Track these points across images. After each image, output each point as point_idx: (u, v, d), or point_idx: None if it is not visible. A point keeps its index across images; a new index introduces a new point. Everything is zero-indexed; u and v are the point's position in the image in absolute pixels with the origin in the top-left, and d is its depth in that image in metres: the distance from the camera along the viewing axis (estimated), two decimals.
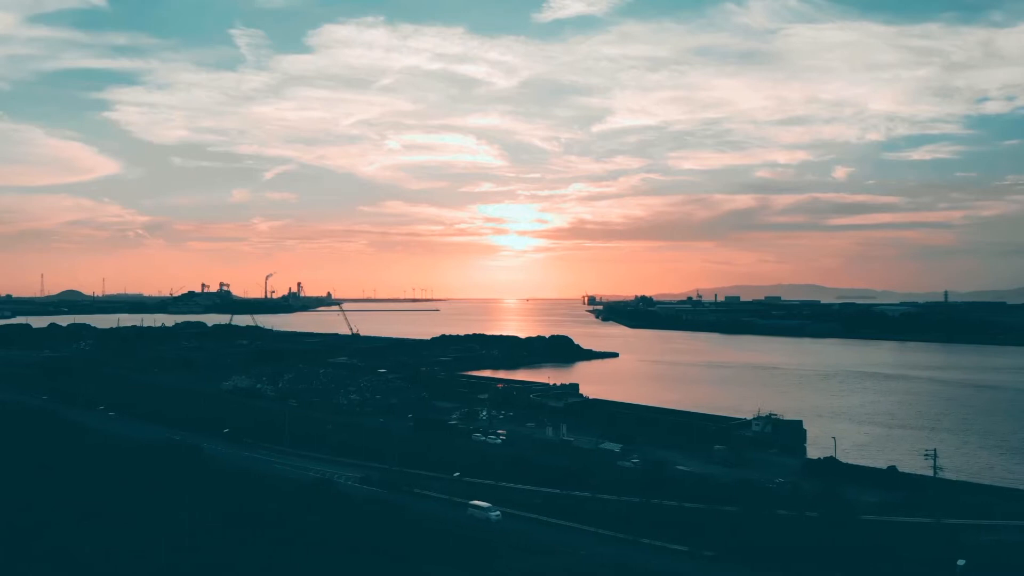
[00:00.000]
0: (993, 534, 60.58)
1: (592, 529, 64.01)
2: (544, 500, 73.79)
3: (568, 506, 71.05)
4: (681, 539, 59.97)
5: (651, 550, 59.14)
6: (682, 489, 75.61)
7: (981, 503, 75.56)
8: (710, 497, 71.52)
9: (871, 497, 79.42)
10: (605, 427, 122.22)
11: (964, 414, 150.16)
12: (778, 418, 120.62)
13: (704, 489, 75.92)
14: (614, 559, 56.31)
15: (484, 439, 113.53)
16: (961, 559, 51.87)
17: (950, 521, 63.43)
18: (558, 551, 57.33)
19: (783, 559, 54.82)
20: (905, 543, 56.97)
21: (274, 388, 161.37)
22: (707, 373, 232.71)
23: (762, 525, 61.34)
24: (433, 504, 74.48)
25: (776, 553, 55.70)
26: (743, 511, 65.32)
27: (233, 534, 53.50)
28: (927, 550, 55.28)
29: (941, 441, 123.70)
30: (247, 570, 47.41)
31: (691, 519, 64.77)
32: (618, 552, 58.43)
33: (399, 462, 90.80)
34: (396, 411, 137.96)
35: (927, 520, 63.64)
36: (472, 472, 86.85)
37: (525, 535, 62.04)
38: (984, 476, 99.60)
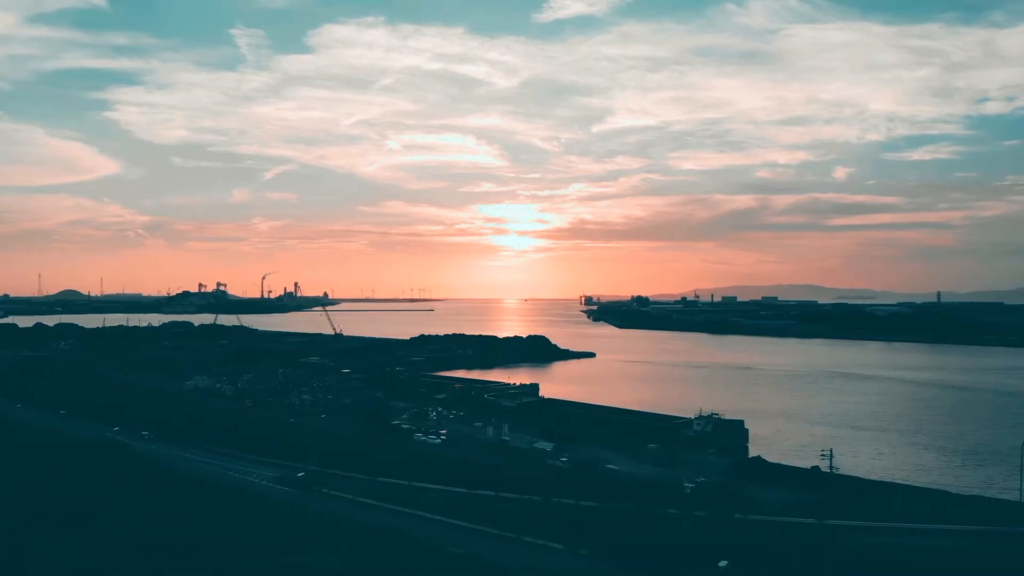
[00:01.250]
0: (879, 536, 60.40)
1: (478, 527, 64.04)
2: (446, 499, 73.82)
3: (468, 505, 71.11)
4: (562, 537, 59.98)
5: (529, 547, 59.23)
6: (589, 488, 75.63)
7: (896, 504, 75.53)
8: (610, 495, 71.51)
9: (789, 496, 79.48)
10: (553, 427, 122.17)
11: (923, 415, 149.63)
12: (720, 418, 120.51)
13: (608, 487, 76.01)
14: (488, 556, 56.35)
15: (425, 439, 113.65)
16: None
17: (834, 522, 63.23)
18: (423, 547, 57.51)
19: (651, 557, 54.88)
20: (775, 543, 56.88)
21: (233, 388, 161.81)
22: (679, 373, 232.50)
23: (645, 524, 61.37)
24: (340, 504, 74.69)
25: (646, 551, 55.76)
26: (634, 510, 65.36)
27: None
28: (791, 549, 55.20)
29: (886, 442, 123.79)
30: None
31: (580, 518, 64.77)
32: (493, 549, 58.53)
33: (324, 462, 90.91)
34: (349, 411, 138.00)
35: (811, 520, 63.43)
36: (397, 472, 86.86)
37: (401, 533, 62.13)
38: (916, 478, 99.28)
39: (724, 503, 69.42)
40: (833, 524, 62.45)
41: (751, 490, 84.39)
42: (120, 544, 51.24)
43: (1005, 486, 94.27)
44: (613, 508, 66.51)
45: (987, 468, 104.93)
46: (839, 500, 77.44)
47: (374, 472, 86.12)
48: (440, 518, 67.40)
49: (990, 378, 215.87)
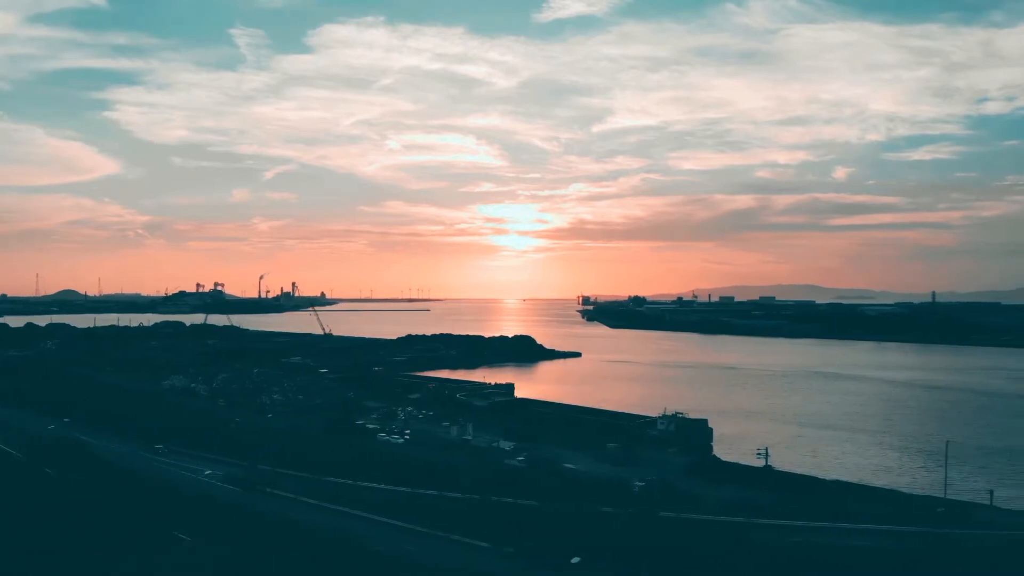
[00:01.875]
0: (803, 535, 60.34)
1: (411, 526, 64.09)
2: (388, 499, 73.85)
3: (408, 505, 71.17)
4: (490, 536, 60.03)
5: (456, 546, 59.32)
6: (539, 487, 75.80)
7: (843, 504, 75.50)
8: (555, 494, 71.54)
9: (734, 495, 79.44)
10: (518, 426, 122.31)
11: (896, 415, 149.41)
12: (683, 417, 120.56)
13: (557, 486, 76.15)
14: (410, 555, 56.49)
15: (388, 439, 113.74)
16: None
17: (764, 521, 63.19)
18: (347, 545, 57.65)
19: (571, 555, 54.96)
20: (694, 541, 56.94)
21: (208, 388, 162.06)
22: (660, 373, 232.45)
23: (575, 522, 61.40)
24: (281, 503, 74.85)
25: (569, 550, 55.82)
26: (571, 509, 65.37)
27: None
28: (707, 548, 55.24)
29: (853, 442, 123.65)
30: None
31: (516, 517, 64.75)
32: (419, 548, 58.66)
33: (278, 462, 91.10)
34: (320, 410, 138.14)
35: (740, 519, 63.39)
36: (347, 472, 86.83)
37: (329, 532, 62.22)
38: (875, 478, 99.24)
39: (666, 502, 69.46)
40: (763, 523, 62.37)
41: (702, 489, 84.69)
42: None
43: (964, 487, 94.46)
44: (551, 507, 66.48)
45: (948, 469, 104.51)
46: (786, 499, 77.57)
47: (325, 472, 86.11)
48: (375, 517, 67.41)
49: (973, 378, 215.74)
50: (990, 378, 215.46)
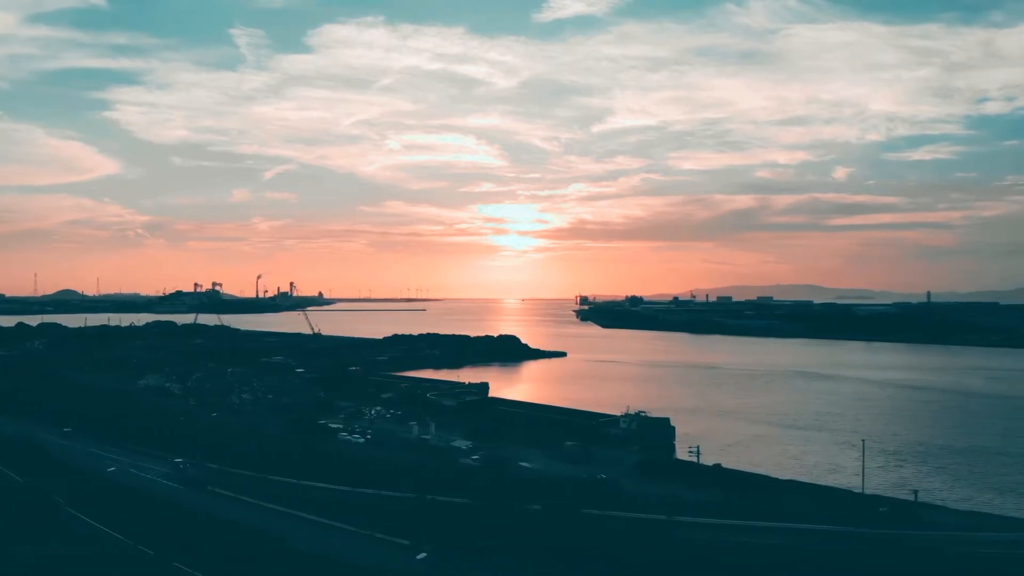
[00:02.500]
0: (718, 533, 60.37)
1: (339, 524, 64.17)
2: (326, 497, 74.09)
3: (344, 503, 71.40)
4: (411, 534, 60.17)
5: (376, 544, 59.46)
6: (472, 485, 76.09)
7: (778, 502, 75.66)
8: (488, 492, 71.77)
9: (676, 493, 79.91)
10: (480, 425, 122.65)
11: (866, 414, 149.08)
12: (645, 416, 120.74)
13: (500, 485, 76.55)
14: (326, 552, 56.81)
15: (349, 438, 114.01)
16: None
17: (684, 519, 63.25)
18: (269, 541, 58.02)
19: (487, 553, 55.21)
20: (613, 539, 57.15)
21: (182, 387, 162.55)
22: (641, 372, 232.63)
23: (496, 519, 61.69)
24: (217, 500, 75.34)
25: (486, 548, 56.06)
26: (497, 506, 65.58)
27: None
28: (613, 544, 55.55)
29: (816, 441, 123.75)
30: None
31: (444, 515, 65.01)
32: (338, 545, 58.91)
33: (230, 461, 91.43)
34: (287, 410, 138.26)
35: (662, 517, 63.51)
36: (293, 471, 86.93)
37: (254, 529, 62.54)
38: (830, 478, 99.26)
39: (597, 499, 69.66)
40: (685, 521, 62.42)
41: (648, 487, 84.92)
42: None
43: (920, 487, 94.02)
44: (480, 505, 66.67)
45: (904, 469, 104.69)
46: (724, 497, 77.71)
47: (272, 471, 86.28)
48: (305, 515, 67.32)
49: (953, 378, 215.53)
50: (970, 378, 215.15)
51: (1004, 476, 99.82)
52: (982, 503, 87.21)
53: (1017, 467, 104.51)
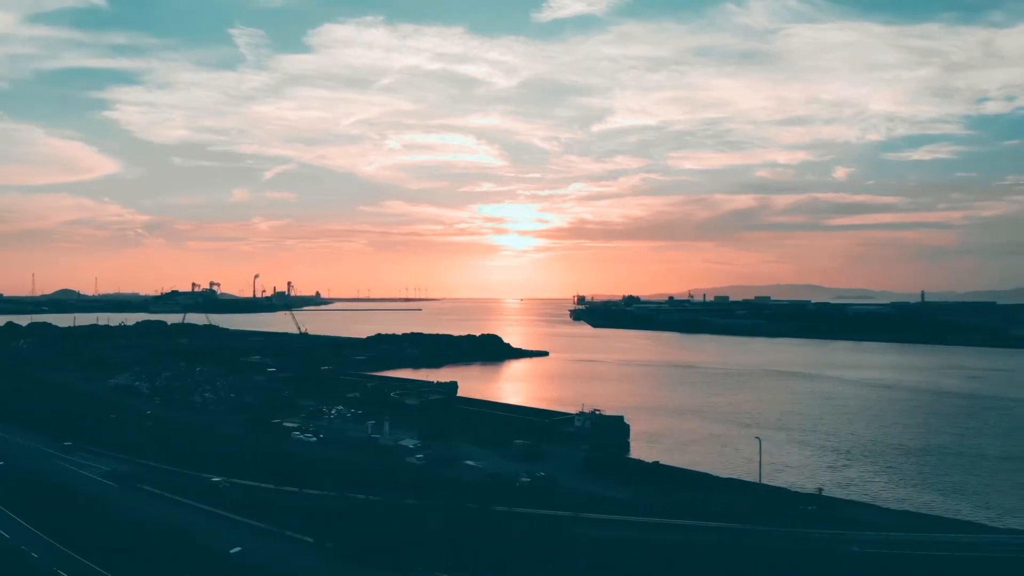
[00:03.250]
0: (616, 530, 60.83)
1: (254, 522, 64.59)
2: (250, 495, 74.50)
3: (265, 501, 71.81)
4: (320, 531, 60.53)
5: (283, 541, 59.93)
6: (422, 483, 77.02)
7: (704, 500, 75.85)
8: (414, 490, 72.28)
9: (603, 491, 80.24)
10: (440, 424, 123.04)
11: (828, 413, 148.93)
12: (600, 414, 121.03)
13: (432, 482, 77.23)
14: (230, 549, 57.19)
15: (302, 437, 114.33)
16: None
17: (591, 515, 63.61)
18: (179, 538, 58.72)
19: (384, 549, 55.59)
20: (504, 535, 57.59)
21: (150, 386, 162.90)
22: (619, 371, 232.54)
23: (407, 517, 62.07)
24: (141, 497, 76.02)
25: (384, 545, 56.43)
26: (411, 504, 66.02)
27: None
28: (509, 542, 55.84)
29: (770, 440, 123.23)
30: None
31: (360, 512, 65.45)
32: (247, 542, 59.38)
33: (171, 459, 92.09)
34: (249, 409, 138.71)
35: (568, 514, 63.82)
36: (230, 470, 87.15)
37: (171, 525, 63.13)
38: (772, 475, 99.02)
39: (511, 496, 70.10)
40: (590, 517, 62.84)
41: (585, 484, 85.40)
42: None
43: (865, 488, 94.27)
44: (397, 503, 67.07)
45: (852, 469, 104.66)
46: (648, 495, 78.07)
47: (208, 469, 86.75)
48: (224, 513, 67.92)
49: (930, 377, 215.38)
50: (947, 377, 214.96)
51: (950, 477, 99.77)
52: (921, 503, 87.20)
53: (966, 468, 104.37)
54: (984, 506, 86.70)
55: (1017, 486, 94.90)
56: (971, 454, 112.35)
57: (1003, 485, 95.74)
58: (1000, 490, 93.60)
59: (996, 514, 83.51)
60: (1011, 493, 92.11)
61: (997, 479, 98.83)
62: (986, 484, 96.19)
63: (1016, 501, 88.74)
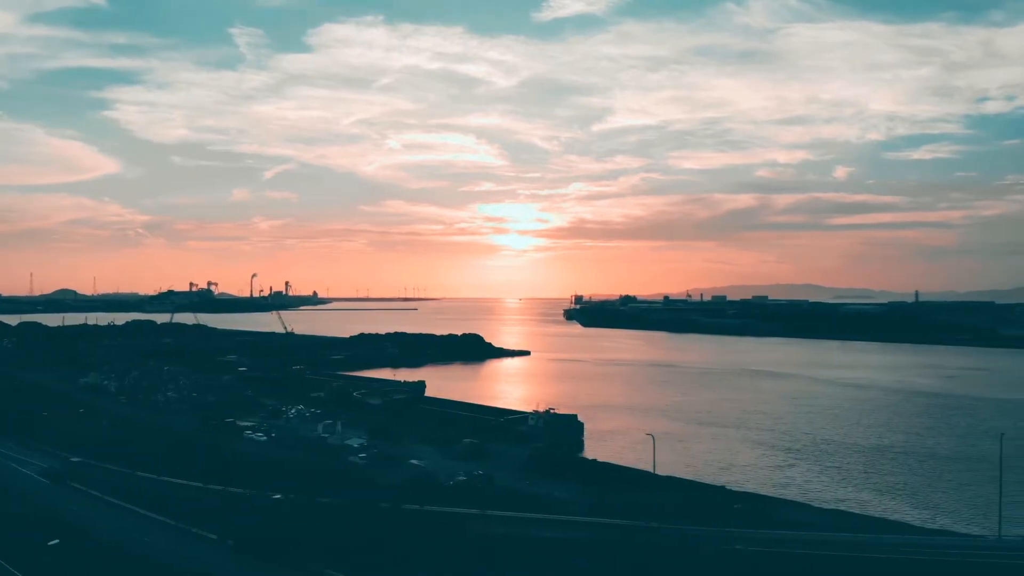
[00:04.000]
0: (513, 527, 61.06)
1: (166, 519, 65.09)
2: (174, 493, 74.92)
3: (184, 498, 72.22)
4: (226, 528, 60.78)
5: (187, 537, 60.42)
6: (343, 482, 77.26)
7: (636, 498, 75.98)
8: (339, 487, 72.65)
9: (552, 489, 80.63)
10: (393, 423, 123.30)
11: (789, 413, 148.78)
12: (554, 413, 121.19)
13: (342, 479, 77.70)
14: (133, 545, 57.73)
15: (253, 436, 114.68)
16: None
17: (498, 513, 63.78)
18: (79, 533, 59.22)
19: (279, 546, 55.84)
20: (403, 530, 57.92)
21: (119, 385, 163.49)
22: (595, 370, 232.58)
23: (310, 514, 62.47)
24: (65, 494, 76.64)
25: (283, 540, 56.67)
26: (328, 502, 66.25)
27: None
28: (404, 536, 56.28)
29: (721, 438, 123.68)
30: None
31: (274, 510, 65.83)
32: (151, 538, 60.17)
33: (111, 458, 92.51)
34: (211, 408, 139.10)
35: (474, 511, 64.01)
36: (164, 468, 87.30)
37: (78, 520, 63.68)
38: (716, 475, 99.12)
39: (423, 494, 70.43)
40: (497, 515, 62.98)
41: (520, 482, 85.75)
42: None
43: (805, 488, 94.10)
44: (315, 502, 67.26)
45: (797, 468, 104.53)
46: (584, 493, 78.19)
47: (142, 467, 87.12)
48: (139, 511, 68.38)
49: (905, 376, 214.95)
50: (922, 376, 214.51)
51: (894, 476, 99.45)
52: (857, 503, 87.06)
53: (912, 468, 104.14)
54: (921, 506, 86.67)
55: (958, 486, 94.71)
56: (921, 454, 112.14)
57: (946, 485, 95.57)
58: (941, 490, 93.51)
59: (931, 514, 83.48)
60: (951, 493, 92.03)
61: (942, 479, 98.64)
62: (928, 484, 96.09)
63: (954, 501, 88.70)
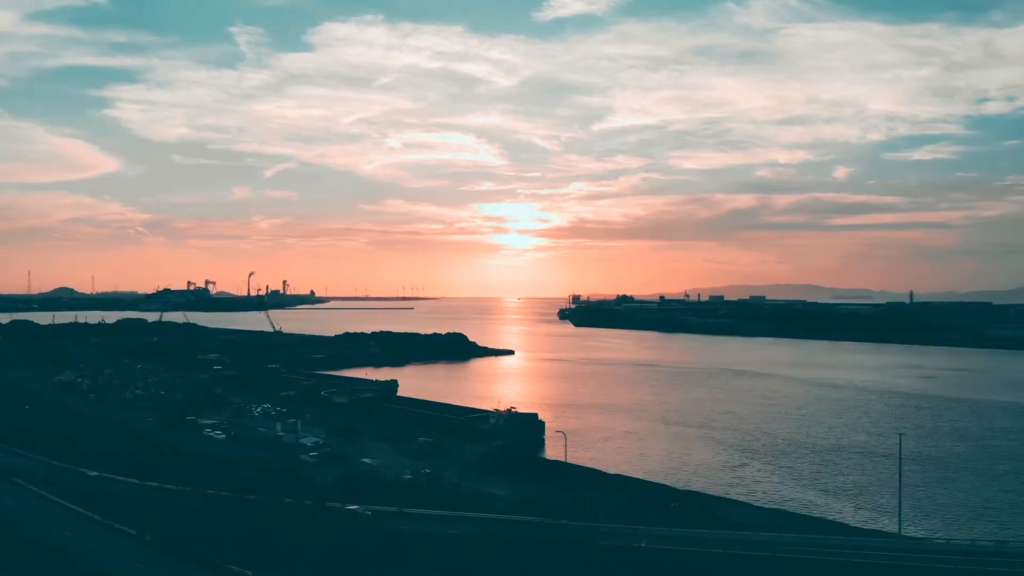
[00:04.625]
0: (428, 524, 61.81)
1: (92, 515, 65.83)
2: (109, 488, 75.56)
3: (115, 494, 73.03)
4: (149, 524, 61.28)
5: (108, 532, 61.35)
6: (258, 478, 77.89)
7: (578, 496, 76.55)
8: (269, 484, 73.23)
9: (497, 488, 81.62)
10: (354, 422, 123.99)
11: (753, 411, 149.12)
12: (515, 412, 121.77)
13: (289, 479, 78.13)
14: (52, 539, 58.53)
15: (211, 435, 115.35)
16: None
17: (416, 511, 64.40)
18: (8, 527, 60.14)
19: (192, 543, 56.35)
20: (315, 527, 58.50)
21: (92, 382, 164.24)
22: (575, 369, 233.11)
23: (228, 510, 63.12)
24: (4, 487, 77.34)
25: (194, 538, 57.19)
26: (254, 500, 66.85)
27: None
28: (315, 533, 56.84)
29: (679, 437, 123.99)
30: None
31: (194, 506, 66.51)
32: (73, 533, 61.18)
33: (60, 455, 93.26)
34: (177, 406, 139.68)
35: (392, 509, 64.59)
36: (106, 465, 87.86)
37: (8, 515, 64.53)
38: (667, 474, 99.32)
39: (354, 493, 71.04)
40: (415, 513, 63.65)
41: (468, 480, 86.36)
42: None
43: (751, 488, 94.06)
44: (242, 499, 67.87)
45: (748, 468, 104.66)
46: (525, 492, 78.77)
47: (84, 463, 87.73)
48: (68, 504, 69.52)
49: (882, 376, 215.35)
50: (900, 377, 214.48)
51: (843, 476, 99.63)
52: (801, 503, 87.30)
53: (863, 468, 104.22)
54: (865, 507, 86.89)
55: (905, 488, 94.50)
56: (878, 454, 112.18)
57: (894, 487, 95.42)
58: (889, 491, 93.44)
59: (873, 515, 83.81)
60: (895, 494, 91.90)
61: (893, 480, 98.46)
62: (877, 485, 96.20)
63: (895, 503, 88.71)
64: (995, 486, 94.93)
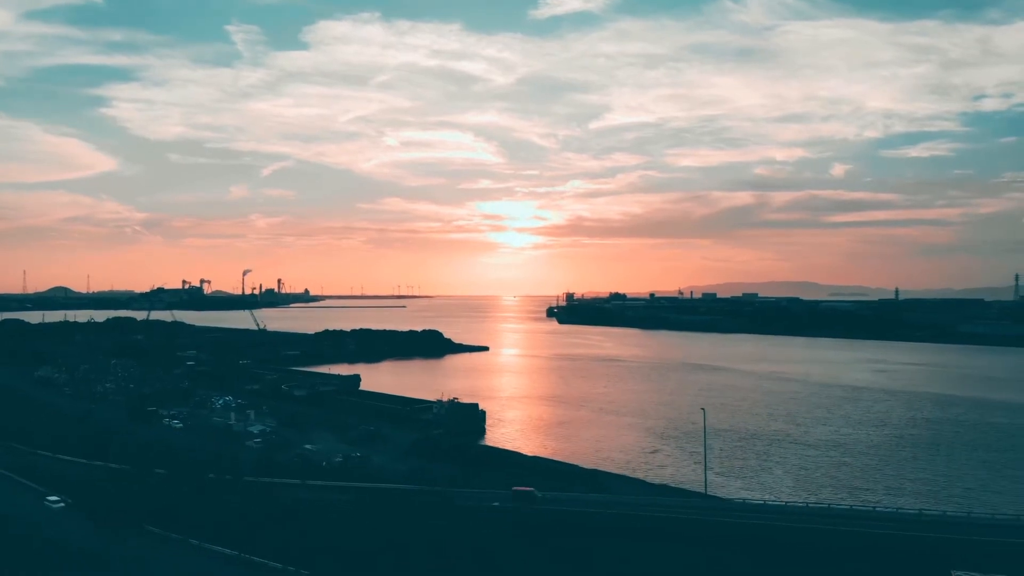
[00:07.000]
0: (319, 493, 69.91)
1: (37, 487, 73.80)
2: (50, 467, 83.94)
3: (57, 470, 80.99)
4: (78, 496, 69.05)
5: (40, 503, 68.88)
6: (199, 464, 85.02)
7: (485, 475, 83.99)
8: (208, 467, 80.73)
9: (423, 466, 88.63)
10: (305, 412, 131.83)
11: (698, 404, 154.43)
12: (456, 402, 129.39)
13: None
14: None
15: (170, 424, 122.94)
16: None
17: (316, 483, 72.29)
18: None
19: (118, 511, 63.88)
20: (230, 499, 66.45)
21: (69, 378, 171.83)
22: (542, 364, 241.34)
23: (139, 482, 70.95)
24: None
25: (121, 508, 64.72)
26: (190, 478, 74.35)
27: None
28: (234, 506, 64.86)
29: (614, 426, 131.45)
30: None
31: (134, 484, 74.02)
32: (16, 499, 69.48)
33: (25, 441, 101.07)
34: (144, 399, 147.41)
35: (296, 481, 72.47)
36: (65, 449, 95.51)
37: None
38: (578, 457, 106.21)
39: (277, 470, 78.57)
40: (317, 484, 71.58)
41: (397, 465, 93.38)
42: None
43: (657, 469, 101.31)
44: (173, 475, 75.52)
45: (660, 453, 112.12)
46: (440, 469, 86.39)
47: (46, 447, 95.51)
48: (15, 477, 77.40)
49: (839, 370, 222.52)
50: (856, 371, 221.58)
51: (741, 460, 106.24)
52: (696, 483, 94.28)
53: (761, 451, 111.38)
54: (753, 485, 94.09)
55: (794, 467, 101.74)
56: (787, 441, 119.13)
57: (785, 465, 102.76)
58: (778, 468, 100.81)
59: (748, 486, 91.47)
60: (784, 470, 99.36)
61: (786, 460, 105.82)
62: (764, 463, 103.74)
63: (777, 477, 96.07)
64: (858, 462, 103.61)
